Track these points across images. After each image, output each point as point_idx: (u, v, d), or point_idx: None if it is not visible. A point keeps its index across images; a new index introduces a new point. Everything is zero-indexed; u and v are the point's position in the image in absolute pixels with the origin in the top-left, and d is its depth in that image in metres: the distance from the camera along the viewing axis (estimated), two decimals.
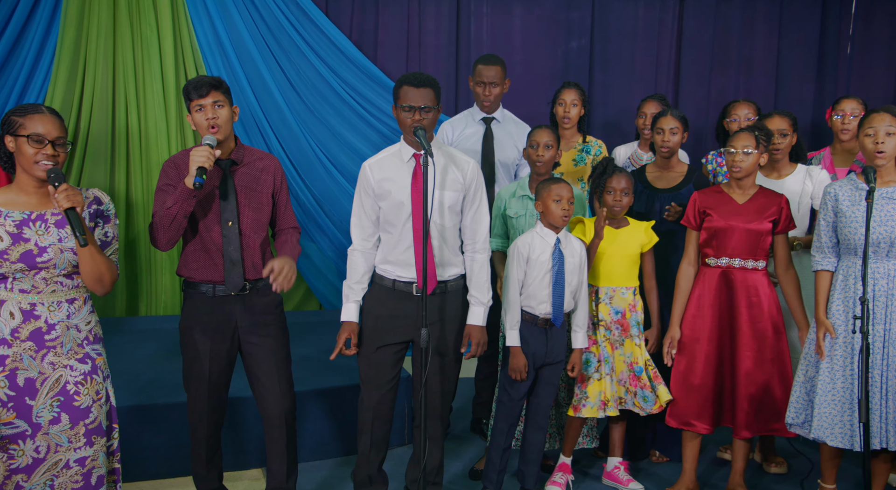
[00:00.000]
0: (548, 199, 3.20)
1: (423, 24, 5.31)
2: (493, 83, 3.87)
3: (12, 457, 2.32)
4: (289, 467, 3.01)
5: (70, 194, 2.25)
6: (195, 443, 2.97)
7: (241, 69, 4.91)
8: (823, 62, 5.73)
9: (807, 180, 3.62)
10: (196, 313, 2.87)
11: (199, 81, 2.78)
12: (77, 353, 2.41)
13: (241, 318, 2.88)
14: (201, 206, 2.83)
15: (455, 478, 3.63)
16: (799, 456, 3.81)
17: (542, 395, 3.30)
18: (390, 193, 2.94)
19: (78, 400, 2.38)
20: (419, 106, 2.86)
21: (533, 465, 3.32)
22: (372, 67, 5.11)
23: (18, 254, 2.29)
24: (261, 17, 4.95)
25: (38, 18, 4.57)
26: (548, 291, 3.20)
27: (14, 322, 2.32)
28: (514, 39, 5.46)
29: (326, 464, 3.69)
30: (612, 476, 3.54)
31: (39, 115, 2.30)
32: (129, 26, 4.76)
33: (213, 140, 2.74)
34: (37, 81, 4.59)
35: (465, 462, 3.78)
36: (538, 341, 3.22)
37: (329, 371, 3.86)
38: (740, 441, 3.36)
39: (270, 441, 2.99)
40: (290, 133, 5.01)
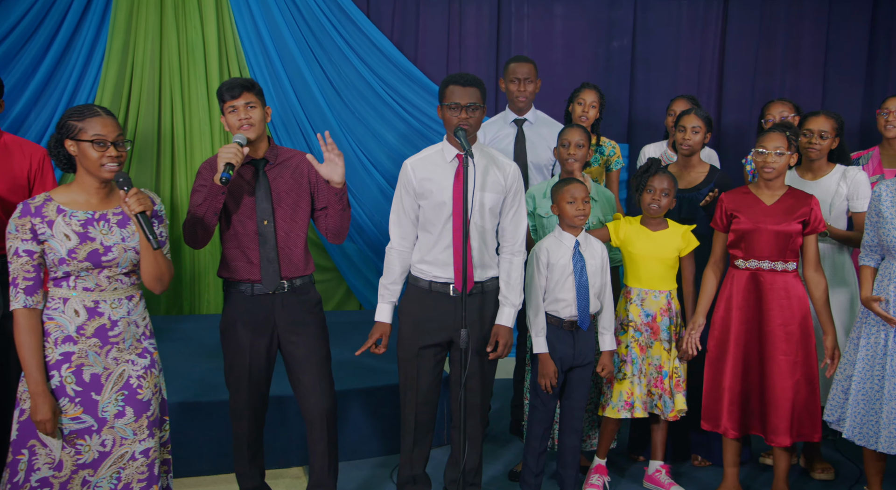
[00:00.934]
0: (562, 201, 3.18)
1: (464, 26, 5.31)
2: (527, 79, 3.88)
3: (79, 452, 2.38)
4: (330, 466, 3.03)
5: (140, 198, 2.31)
6: (237, 440, 3.01)
7: (283, 70, 4.97)
8: (873, 61, 5.60)
9: (842, 182, 3.55)
10: (236, 312, 2.91)
11: (232, 83, 2.82)
12: (137, 348, 2.47)
13: (279, 316, 2.92)
14: (237, 205, 2.87)
15: (494, 479, 3.62)
16: (846, 462, 3.73)
17: (575, 397, 3.28)
18: (432, 193, 2.94)
19: (140, 393, 2.44)
20: (465, 104, 2.86)
21: (570, 468, 3.31)
22: (412, 68, 5.14)
23: (86, 252, 2.35)
24: (303, 19, 5.00)
25: (87, 24, 4.68)
26: (572, 295, 3.18)
27: (79, 319, 2.38)
28: (555, 40, 5.44)
29: (367, 463, 3.71)
30: (653, 479, 3.51)
31: (98, 118, 2.35)
32: (175, 29, 4.85)
33: (243, 138, 2.78)
34: (86, 85, 4.70)
35: (504, 463, 3.77)
36: (565, 344, 3.21)
37: (370, 370, 3.89)
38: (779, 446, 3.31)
39: (312, 440, 3.01)
40: (331, 133, 5.04)
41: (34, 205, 2.37)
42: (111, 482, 2.40)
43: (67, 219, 2.37)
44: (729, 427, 3.30)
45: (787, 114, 3.93)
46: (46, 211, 2.37)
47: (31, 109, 4.61)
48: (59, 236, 2.35)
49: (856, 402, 3.02)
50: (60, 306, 2.39)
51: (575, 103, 3.94)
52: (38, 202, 2.38)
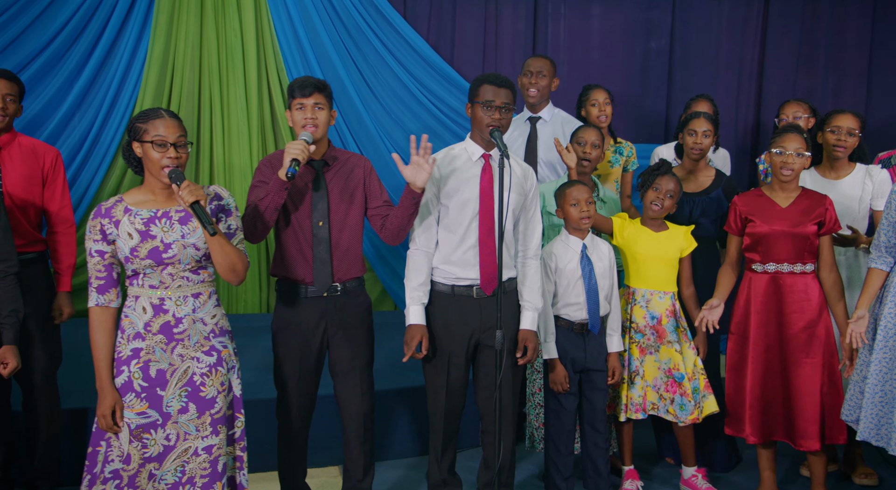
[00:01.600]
0: (565, 204, 3.17)
1: (500, 26, 5.31)
2: (539, 73, 3.86)
3: (146, 446, 2.43)
4: (365, 466, 3.05)
5: (193, 189, 2.35)
6: (283, 440, 3.02)
7: (320, 72, 5.01)
8: None
9: (866, 180, 3.49)
10: (289, 312, 2.94)
11: (305, 82, 2.84)
12: (203, 345, 2.51)
13: (331, 318, 2.93)
14: (294, 205, 2.88)
15: (526, 480, 3.62)
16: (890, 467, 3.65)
17: (593, 399, 3.26)
18: (457, 191, 2.92)
19: (204, 390, 2.48)
20: (500, 104, 2.85)
21: (601, 469, 3.28)
22: (448, 69, 5.15)
23: (146, 250, 2.41)
24: (340, 20, 5.04)
25: (130, 27, 4.77)
26: (582, 299, 3.17)
27: (146, 316, 2.45)
28: (592, 40, 5.41)
29: (402, 463, 3.73)
30: (689, 484, 3.47)
31: (160, 120, 2.40)
32: (215, 31, 4.91)
33: (310, 136, 2.80)
34: (128, 87, 4.78)
35: (536, 464, 3.77)
36: (576, 346, 3.20)
37: (405, 371, 3.90)
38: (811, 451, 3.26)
39: (348, 440, 3.03)
40: (367, 134, 5.08)
41: (105, 206, 2.45)
42: (175, 475, 2.45)
43: (132, 218, 2.43)
44: (750, 432, 3.25)
45: (802, 114, 3.89)
46: (115, 212, 2.44)
47: (76, 112, 4.70)
48: (123, 235, 2.42)
49: (871, 404, 2.96)
50: (133, 304, 2.47)
51: (588, 105, 3.91)
52: (108, 204, 2.46)
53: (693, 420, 3.32)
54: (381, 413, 3.66)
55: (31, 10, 4.59)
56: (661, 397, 3.35)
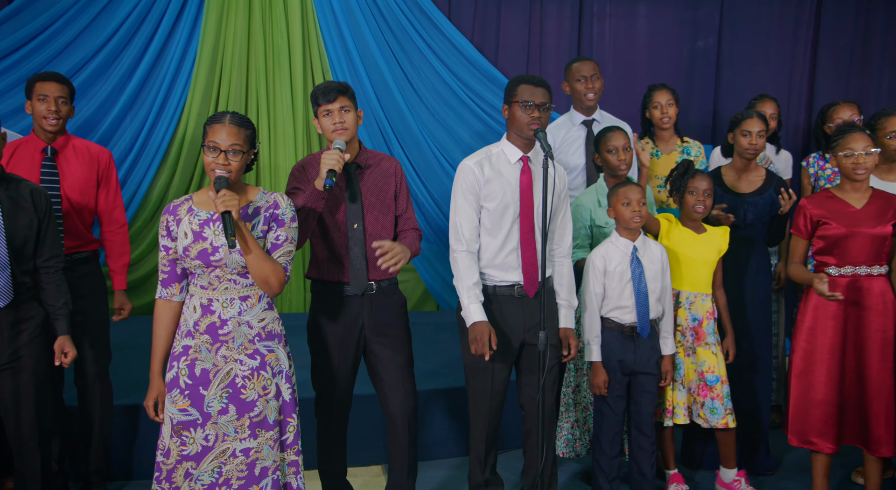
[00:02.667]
0: (617, 203, 3.13)
1: (545, 27, 5.28)
2: (594, 76, 3.84)
3: (184, 443, 2.46)
4: (409, 466, 3.05)
5: (226, 200, 2.36)
6: (322, 438, 3.05)
7: (364, 73, 5.03)
8: None
9: None
10: (324, 313, 2.95)
11: (327, 87, 2.85)
12: (247, 348, 2.51)
13: (367, 317, 2.94)
14: (328, 208, 2.90)
15: (569, 480, 3.59)
16: None
17: (641, 402, 3.22)
18: (496, 195, 2.89)
19: (244, 393, 2.49)
20: (539, 104, 2.83)
21: (647, 473, 3.24)
22: (493, 70, 5.14)
23: (196, 251, 2.45)
24: (385, 21, 5.06)
25: (180, 30, 4.86)
26: (632, 302, 3.13)
27: (196, 315, 2.49)
28: (638, 40, 5.36)
29: (445, 463, 3.73)
30: (731, 488, 3.40)
31: (219, 125, 2.44)
32: (262, 33, 4.97)
33: (343, 144, 2.81)
34: (178, 88, 4.87)
35: (576, 466, 3.73)
36: (625, 349, 3.16)
37: (447, 371, 3.90)
38: (873, 458, 3.17)
39: (392, 440, 3.03)
40: (411, 135, 5.09)
41: (174, 204, 2.53)
42: (212, 476, 2.47)
43: (192, 218, 2.48)
44: (820, 442, 3.17)
45: (855, 116, 3.82)
46: (180, 210, 2.50)
47: (127, 113, 4.80)
48: (181, 234, 2.47)
49: None
50: (189, 302, 2.53)
51: (651, 108, 3.86)
52: (178, 201, 2.53)
53: (724, 425, 3.28)
54: (423, 413, 3.67)
55: (85, 15, 4.70)
56: (694, 401, 3.32)
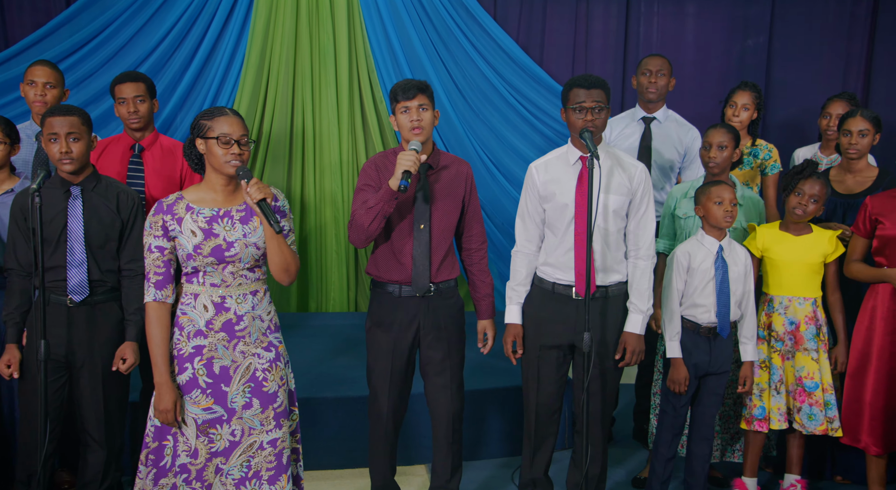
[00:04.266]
0: (708, 202, 3.08)
1: (591, 26, 5.24)
2: (659, 72, 3.82)
3: (212, 441, 2.50)
4: (453, 466, 3.06)
5: (260, 186, 2.40)
6: (374, 438, 3.05)
7: (409, 73, 5.05)
8: None
9: None
10: (383, 312, 2.97)
11: (407, 84, 2.85)
12: (262, 341, 2.56)
13: (424, 318, 2.95)
14: (396, 208, 2.90)
15: (617, 485, 3.56)
16: None
17: (707, 404, 3.18)
18: (555, 195, 2.91)
19: (266, 385, 2.53)
20: (590, 106, 2.82)
21: (699, 477, 3.20)
22: (538, 70, 5.12)
23: (209, 248, 2.46)
24: (430, 22, 5.07)
25: (230, 31, 4.92)
26: (711, 300, 3.09)
27: (208, 314, 2.50)
28: (686, 39, 5.28)
29: (489, 463, 3.72)
30: None
31: (225, 118, 2.46)
32: (309, 35, 5.01)
33: (419, 145, 2.80)
34: (227, 89, 4.94)
35: (627, 469, 3.71)
36: (701, 350, 3.11)
37: (493, 371, 3.90)
38: None
39: (437, 440, 3.05)
40: (455, 136, 5.10)
41: (167, 203, 2.50)
42: (242, 470, 2.50)
43: (195, 216, 2.48)
44: (870, 442, 3.11)
45: None
46: (177, 209, 2.49)
47: (178, 112, 4.89)
48: (186, 233, 2.47)
49: None
50: (192, 302, 2.51)
51: (727, 106, 3.80)
52: (170, 200, 2.51)
53: (822, 431, 3.21)
54: (473, 413, 3.66)
55: (138, 18, 4.80)
56: (792, 405, 3.26)
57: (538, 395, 3.01)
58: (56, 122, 2.72)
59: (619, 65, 5.26)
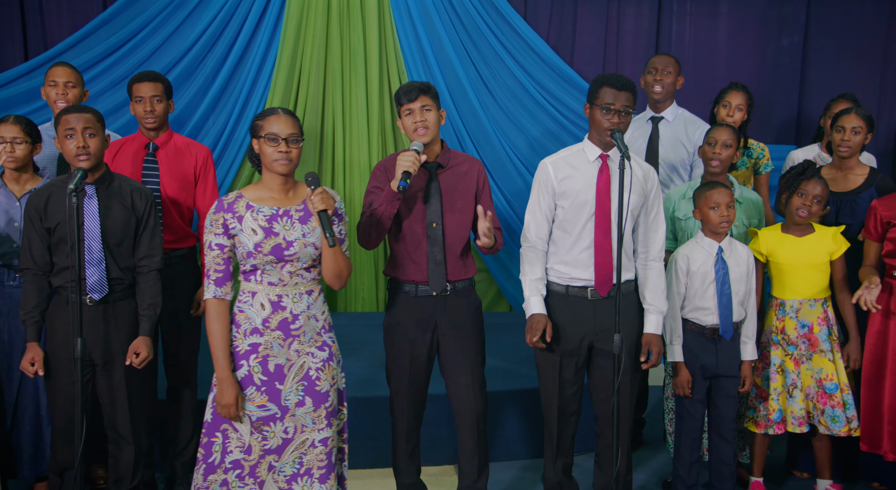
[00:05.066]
0: (704, 206, 3.06)
1: (622, 26, 5.21)
2: (665, 70, 3.80)
3: (265, 438, 2.52)
4: (479, 466, 3.06)
5: (324, 197, 2.42)
6: (396, 437, 3.08)
7: (440, 74, 5.06)
8: None
9: None
10: (401, 312, 2.98)
11: (409, 87, 2.88)
12: (316, 341, 2.58)
13: (441, 317, 2.96)
14: (408, 207, 2.92)
15: (643, 487, 3.54)
16: None
17: (722, 406, 3.15)
18: (573, 193, 2.89)
19: (319, 385, 2.56)
20: (619, 108, 2.80)
21: (726, 479, 3.16)
22: (568, 70, 5.10)
23: (270, 247, 2.49)
24: (461, 22, 5.07)
25: (262, 33, 4.96)
26: (713, 303, 3.06)
27: (265, 312, 2.52)
28: (719, 39, 5.23)
29: (516, 465, 3.72)
30: None
31: (275, 117, 2.50)
32: (339, 35, 5.04)
33: (420, 146, 2.83)
34: (258, 90, 4.98)
35: (654, 471, 3.69)
36: (707, 352, 3.10)
37: (519, 372, 3.89)
38: None
39: (462, 439, 3.05)
40: (484, 135, 5.10)
41: (227, 201, 2.54)
42: (294, 467, 2.53)
43: (255, 214, 2.51)
44: (888, 449, 3.05)
45: None
46: (237, 207, 2.52)
47: (211, 113, 4.94)
48: (247, 231, 2.49)
49: None
50: (249, 299, 2.54)
51: (720, 105, 3.77)
52: (230, 199, 2.55)
53: (846, 433, 3.17)
54: (495, 414, 3.66)
55: (172, 20, 4.86)
56: (815, 407, 3.22)
57: (558, 398, 2.99)
58: (72, 118, 2.76)
59: None
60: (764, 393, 3.24)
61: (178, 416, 3.36)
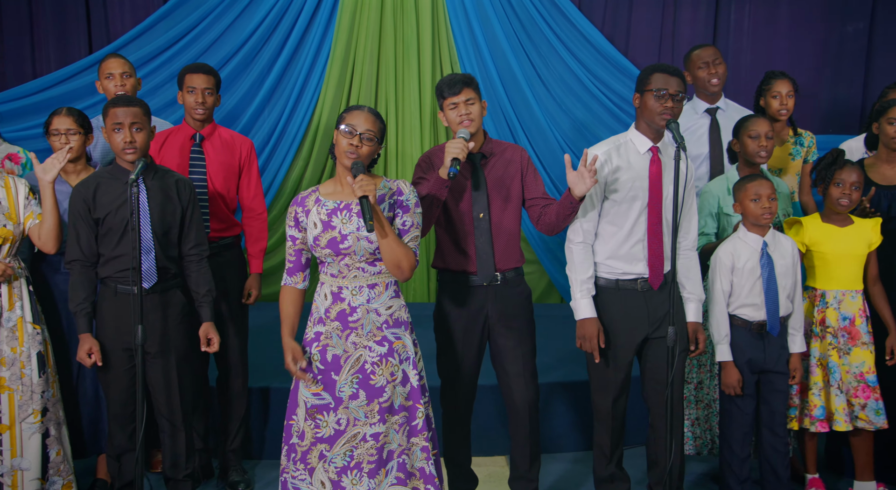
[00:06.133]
0: (745, 199, 2.99)
1: (679, 14, 5.12)
2: (716, 61, 3.74)
3: (318, 426, 2.55)
4: (531, 457, 3.05)
5: (364, 184, 2.42)
6: (447, 426, 3.08)
7: (492, 65, 5.04)
8: None
9: None
10: (449, 303, 2.98)
11: (452, 79, 2.86)
12: (375, 335, 2.57)
13: (492, 307, 2.95)
14: (454, 199, 2.92)
15: (697, 479, 3.49)
16: None
17: (771, 401, 3.09)
18: (624, 186, 2.84)
19: (374, 379, 2.55)
20: (673, 93, 2.75)
21: (780, 474, 3.10)
22: (622, 60, 5.04)
23: (326, 240, 2.52)
24: (514, 13, 5.05)
25: (316, 27, 5.03)
26: (761, 299, 3.00)
27: (327, 303, 2.56)
28: (779, 26, 5.10)
29: (567, 457, 3.70)
30: None
31: (358, 111, 2.52)
32: (393, 28, 5.07)
33: (467, 134, 2.83)
34: (312, 83, 5.05)
35: (707, 464, 3.62)
36: (754, 347, 3.04)
37: (571, 364, 3.87)
38: None
39: (514, 430, 3.04)
40: (537, 126, 5.07)
41: (302, 195, 2.60)
42: (344, 459, 2.54)
43: (320, 208, 2.55)
44: None
45: None
46: (308, 201, 2.57)
47: (265, 106, 5.03)
48: (310, 224, 2.54)
49: None
50: (320, 289, 2.60)
51: (769, 97, 3.66)
52: (305, 193, 2.60)
53: (885, 425, 3.11)
54: (545, 406, 3.65)
55: (228, 14, 4.96)
56: (852, 403, 3.14)
57: (613, 393, 2.96)
58: (120, 112, 2.80)
59: None
60: (803, 386, 3.17)
61: (228, 405, 3.41)
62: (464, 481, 3.15)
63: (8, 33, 5.01)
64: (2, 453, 2.91)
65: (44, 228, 2.95)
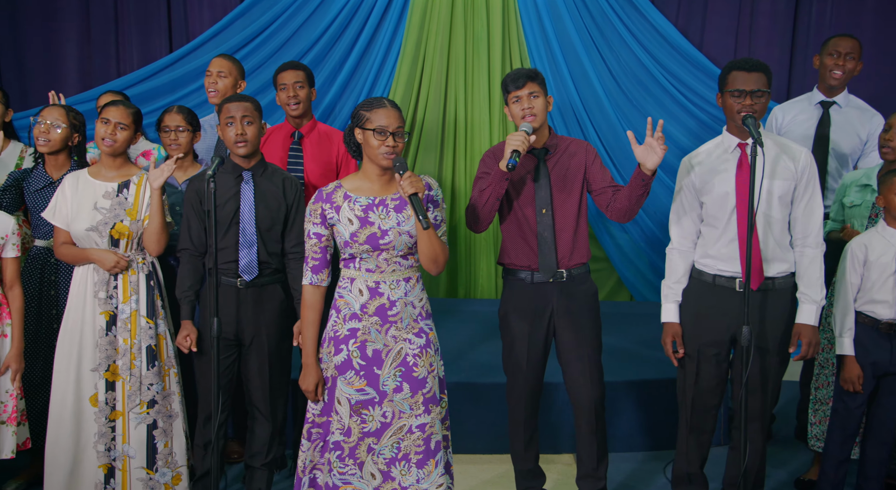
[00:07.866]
0: (889, 192, 2.88)
1: (757, 6, 4.98)
2: (849, 54, 3.58)
3: (364, 421, 2.58)
4: (598, 455, 3.03)
5: (413, 181, 2.45)
6: (514, 424, 3.08)
7: (563, 60, 5.00)
8: None
9: None
10: (514, 299, 2.98)
11: (517, 74, 2.87)
12: (413, 327, 2.61)
13: (557, 304, 2.94)
14: (517, 194, 2.92)
15: (778, 485, 3.41)
16: None
17: (887, 406, 2.97)
18: (714, 186, 2.82)
19: (416, 371, 2.59)
20: (750, 90, 2.71)
21: (874, 482, 2.99)
22: (696, 53, 4.93)
23: (365, 236, 2.54)
24: (586, 7, 5.00)
25: (387, 23, 5.06)
26: (892, 296, 2.88)
27: (363, 298, 2.58)
28: (864, 17, 4.91)
29: (636, 456, 3.66)
30: None
31: (383, 109, 2.52)
32: (463, 24, 5.07)
33: (530, 127, 2.82)
34: (383, 78, 5.10)
35: (789, 470, 3.54)
36: (881, 348, 2.92)
37: (640, 363, 3.82)
38: None
39: (580, 428, 3.02)
40: (608, 123, 5.01)
41: (326, 192, 2.60)
42: (392, 451, 2.57)
43: (352, 204, 2.56)
44: None
45: None
46: (335, 197, 2.58)
47: (338, 101, 5.10)
48: (344, 221, 2.55)
49: None
50: (349, 286, 2.60)
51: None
52: (329, 189, 2.61)
53: None
54: (613, 405, 3.61)
55: (303, 11, 5.04)
56: None
57: (696, 391, 2.92)
58: (232, 106, 2.92)
59: (787, 48, 4.98)
60: None
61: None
62: (531, 478, 3.14)
63: (96, 33, 5.21)
64: (115, 439, 3.03)
65: (147, 230, 3.02)
